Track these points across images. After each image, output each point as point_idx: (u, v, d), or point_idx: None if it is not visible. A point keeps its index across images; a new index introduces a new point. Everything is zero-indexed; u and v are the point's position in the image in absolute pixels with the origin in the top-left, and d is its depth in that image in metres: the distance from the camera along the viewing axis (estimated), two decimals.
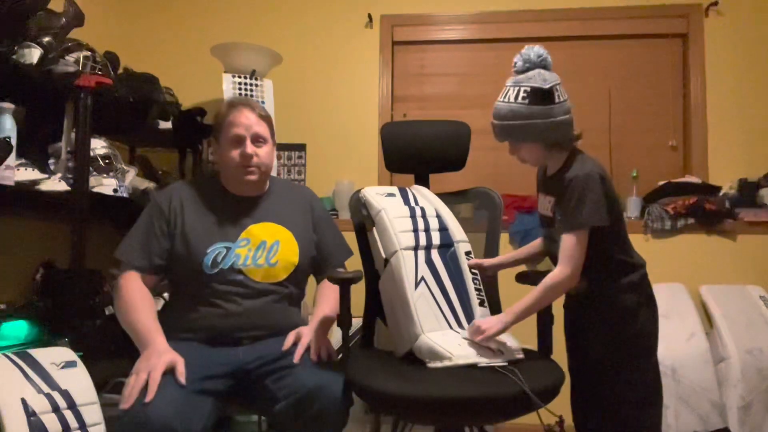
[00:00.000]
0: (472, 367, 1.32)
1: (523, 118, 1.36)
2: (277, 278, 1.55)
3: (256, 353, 1.45)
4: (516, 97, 1.37)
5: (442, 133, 1.85)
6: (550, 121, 1.35)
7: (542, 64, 1.37)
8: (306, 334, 1.46)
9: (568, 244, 1.32)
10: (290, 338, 1.46)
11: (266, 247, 1.55)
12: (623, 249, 1.39)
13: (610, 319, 1.37)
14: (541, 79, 1.35)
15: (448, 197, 1.83)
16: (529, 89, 1.35)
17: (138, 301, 1.42)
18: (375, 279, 1.66)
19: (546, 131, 1.36)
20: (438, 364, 1.34)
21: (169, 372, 1.27)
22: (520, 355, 1.40)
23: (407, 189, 1.76)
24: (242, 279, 1.50)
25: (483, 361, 1.32)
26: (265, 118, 1.61)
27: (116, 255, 1.51)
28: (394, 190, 1.73)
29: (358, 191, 1.75)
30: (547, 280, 1.34)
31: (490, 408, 1.27)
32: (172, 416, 1.19)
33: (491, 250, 1.74)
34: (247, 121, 1.56)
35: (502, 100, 1.40)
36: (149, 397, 1.20)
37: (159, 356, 1.29)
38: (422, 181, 1.90)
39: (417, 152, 1.86)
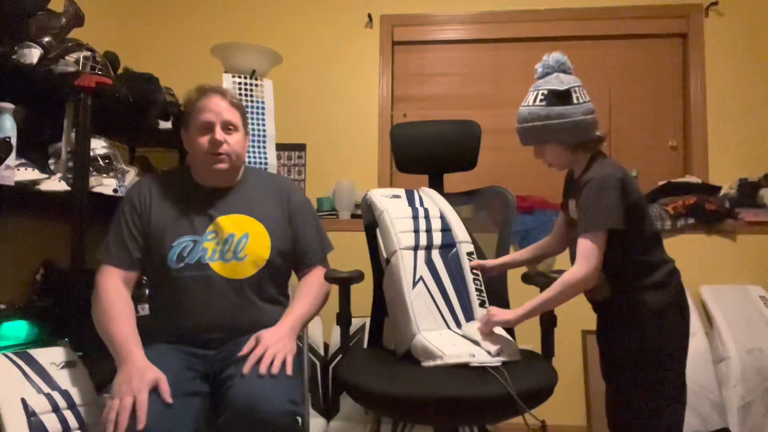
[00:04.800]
0: (464, 366, 1.32)
1: (541, 119, 1.40)
2: (246, 274, 1.47)
3: (220, 358, 1.39)
4: (535, 100, 1.41)
5: (454, 132, 1.86)
6: (568, 121, 1.37)
7: (561, 69, 1.42)
8: (263, 340, 1.35)
9: (584, 244, 1.33)
10: (250, 343, 1.35)
11: (234, 241, 1.48)
12: (646, 250, 1.39)
13: (635, 320, 1.37)
14: (557, 81, 1.40)
15: (459, 197, 1.83)
16: (546, 91, 1.40)
17: (115, 308, 1.38)
18: (382, 278, 1.66)
19: (564, 131, 1.38)
20: (431, 363, 1.35)
21: (153, 390, 1.22)
22: (518, 358, 1.39)
23: (414, 191, 1.76)
24: (209, 274, 1.44)
25: (475, 361, 1.32)
26: (237, 106, 1.55)
27: (97, 257, 1.48)
28: (401, 191, 1.74)
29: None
30: (563, 279, 1.34)
31: (474, 408, 1.26)
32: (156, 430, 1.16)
33: (503, 249, 1.73)
34: (217, 107, 1.49)
35: (523, 104, 1.45)
36: (141, 425, 1.15)
37: (141, 377, 1.22)
38: (436, 181, 1.90)
39: (430, 153, 1.86)
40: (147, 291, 1.87)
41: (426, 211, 1.64)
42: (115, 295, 1.41)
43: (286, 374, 1.30)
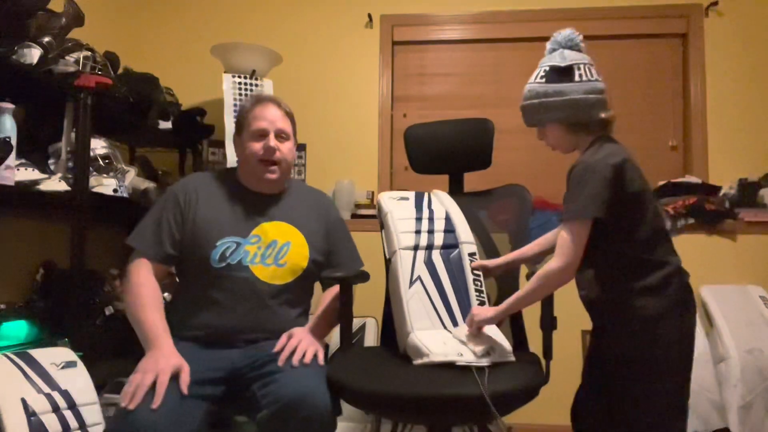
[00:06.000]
0: (452, 366, 1.31)
1: (539, 96, 1.33)
2: (284, 280, 1.52)
3: (248, 356, 1.41)
4: (536, 77, 1.35)
5: (470, 130, 1.84)
6: (567, 99, 1.29)
7: (568, 45, 1.34)
8: (296, 335, 1.42)
9: (563, 235, 1.25)
10: (282, 339, 1.42)
11: (276, 247, 1.53)
12: (644, 248, 1.25)
13: (626, 327, 1.26)
14: (560, 57, 1.32)
15: (475, 196, 1.83)
16: (547, 68, 1.33)
17: (147, 297, 1.40)
18: None
19: (561, 109, 1.30)
20: (419, 361, 1.36)
21: (173, 377, 1.25)
22: (509, 358, 1.37)
23: (425, 193, 1.77)
24: (248, 277, 1.48)
25: (462, 361, 1.31)
26: (290, 115, 1.61)
27: (128, 241, 1.50)
28: (410, 194, 1.74)
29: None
30: (540, 273, 1.28)
31: (448, 408, 1.24)
32: (164, 424, 1.17)
33: (518, 248, 1.68)
34: (272, 116, 1.55)
35: (528, 82, 1.37)
36: (156, 403, 1.18)
37: (167, 359, 1.27)
38: (456, 181, 1.90)
39: (448, 152, 1.84)
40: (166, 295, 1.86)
41: (431, 212, 1.65)
42: (147, 284, 1.44)
43: (325, 372, 1.36)
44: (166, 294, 1.84)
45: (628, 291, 1.25)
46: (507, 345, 1.39)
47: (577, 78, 1.30)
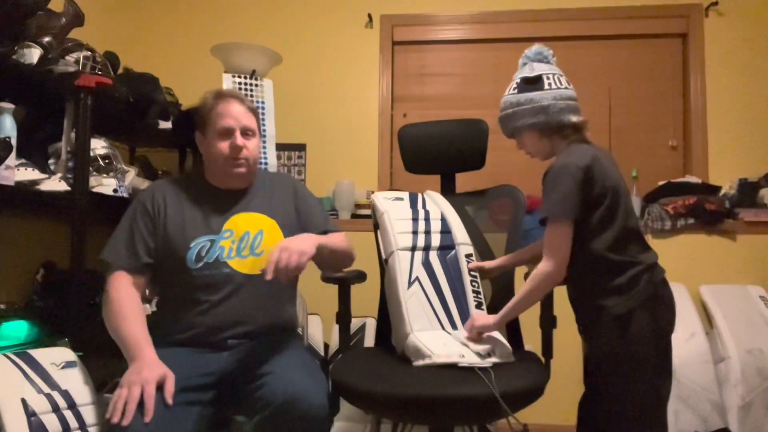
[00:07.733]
0: (454, 367, 1.31)
1: (513, 106, 1.42)
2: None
3: (237, 360, 1.40)
4: (510, 90, 1.45)
5: (463, 131, 1.85)
6: (536, 105, 1.37)
7: (537, 59, 1.43)
8: (282, 243, 1.33)
9: (546, 236, 1.30)
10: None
11: (250, 238, 1.52)
12: (614, 247, 1.28)
13: (597, 326, 1.31)
14: (529, 69, 1.42)
15: (469, 197, 1.83)
16: (519, 80, 1.43)
17: (126, 308, 1.38)
18: None
19: (531, 116, 1.38)
20: (420, 363, 1.35)
21: (158, 388, 1.23)
22: (510, 359, 1.37)
23: (419, 194, 1.77)
24: (229, 272, 1.46)
25: (464, 362, 1.31)
26: (253, 111, 1.59)
27: (102, 257, 1.47)
28: (404, 194, 1.74)
29: None
30: (532, 276, 1.32)
31: (456, 408, 1.25)
32: None
33: (512, 249, 1.70)
34: (236, 113, 1.53)
35: (503, 95, 1.47)
36: (149, 417, 1.17)
37: (151, 369, 1.24)
38: (449, 181, 1.90)
39: (440, 153, 1.85)
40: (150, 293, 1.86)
41: (427, 213, 1.65)
42: (126, 296, 1.41)
43: (320, 370, 1.35)
44: (146, 305, 1.83)
45: (600, 291, 1.30)
46: (508, 346, 1.40)
47: (546, 86, 1.39)
